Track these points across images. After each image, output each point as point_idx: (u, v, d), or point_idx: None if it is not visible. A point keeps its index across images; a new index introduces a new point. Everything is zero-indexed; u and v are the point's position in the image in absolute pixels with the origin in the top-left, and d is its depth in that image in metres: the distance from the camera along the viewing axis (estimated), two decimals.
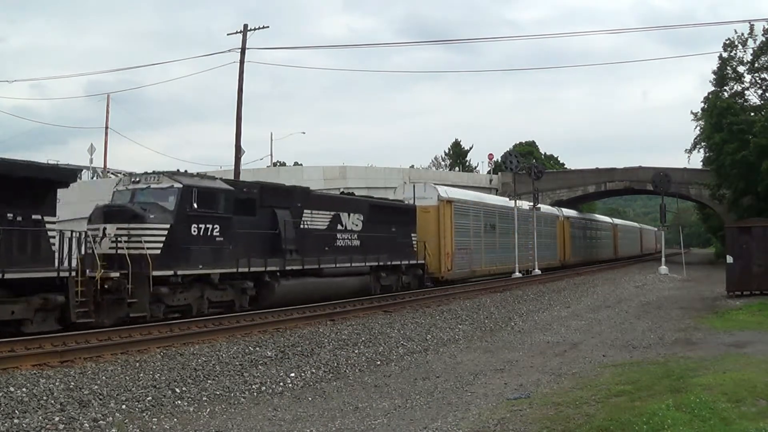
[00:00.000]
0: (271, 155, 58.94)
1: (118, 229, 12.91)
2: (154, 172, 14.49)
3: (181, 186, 13.80)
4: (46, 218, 11.74)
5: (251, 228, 15.45)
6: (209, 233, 14.13)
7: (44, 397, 7.38)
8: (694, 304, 19.61)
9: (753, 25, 37.01)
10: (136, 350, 10.15)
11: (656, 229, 73.05)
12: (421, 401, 8.09)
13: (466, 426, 6.82)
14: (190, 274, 13.58)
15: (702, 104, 40.88)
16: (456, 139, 79.59)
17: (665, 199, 36.94)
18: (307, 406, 7.92)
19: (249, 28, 31.31)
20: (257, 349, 10.73)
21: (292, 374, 9.38)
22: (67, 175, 13.29)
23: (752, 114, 36.70)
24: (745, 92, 38.85)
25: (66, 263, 11.64)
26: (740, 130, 34.86)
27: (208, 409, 7.65)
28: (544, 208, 39.14)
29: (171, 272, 13.05)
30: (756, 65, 37.39)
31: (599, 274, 35.57)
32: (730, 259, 20.28)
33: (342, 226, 18.86)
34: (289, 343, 11.40)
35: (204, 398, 8.03)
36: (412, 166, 66.77)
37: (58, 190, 12.32)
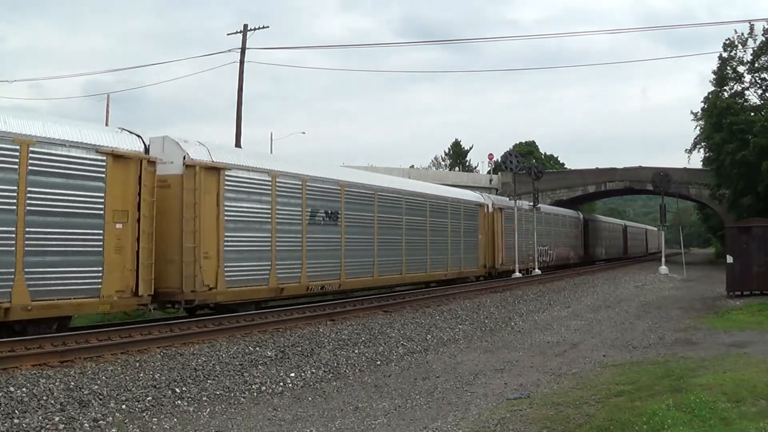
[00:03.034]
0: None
1: None
2: None
3: None
4: None
5: None
6: None
7: (44, 397, 7.37)
8: (694, 304, 19.60)
9: (753, 25, 37.08)
10: (136, 350, 10.13)
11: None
12: (421, 401, 8.09)
13: (466, 426, 6.82)
14: None
15: (702, 104, 40.91)
16: (456, 139, 79.86)
17: (665, 199, 36.93)
18: (307, 406, 7.92)
19: (249, 29, 31.36)
20: (257, 349, 10.73)
21: (292, 374, 9.38)
22: None
23: (752, 114, 36.68)
24: (745, 92, 38.90)
25: None
26: (740, 130, 34.84)
27: (208, 409, 7.65)
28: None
29: None
30: (756, 65, 37.41)
31: (599, 273, 35.56)
32: (730, 259, 20.26)
33: None
34: (289, 343, 11.39)
35: (204, 398, 8.03)
36: (412, 166, 66.92)
37: None
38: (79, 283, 11.07)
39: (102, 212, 11.46)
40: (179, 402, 7.79)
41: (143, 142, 12.42)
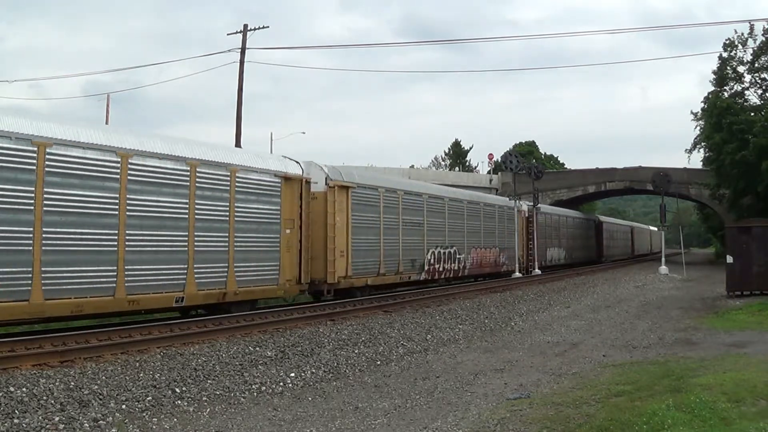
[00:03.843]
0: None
1: None
2: None
3: None
4: None
5: None
6: None
7: (44, 397, 7.37)
8: (694, 304, 19.60)
9: (753, 25, 37.06)
10: (136, 350, 10.13)
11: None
12: (421, 401, 8.09)
13: (466, 426, 6.82)
14: None
15: (702, 104, 40.91)
16: (456, 139, 79.81)
17: (665, 199, 36.95)
18: (307, 406, 7.92)
19: (248, 29, 31.39)
20: (257, 349, 10.73)
21: (292, 374, 9.38)
22: None
23: (752, 114, 36.67)
24: (745, 92, 38.86)
25: None
26: (740, 130, 34.84)
27: (208, 409, 7.65)
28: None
29: None
30: (756, 65, 37.38)
31: (599, 274, 35.60)
32: (730, 259, 20.27)
33: None
34: (289, 343, 11.39)
35: (204, 398, 8.03)
36: (412, 166, 66.93)
37: None
38: None
39: None
40: (179, 402, 7.79)
41: None
